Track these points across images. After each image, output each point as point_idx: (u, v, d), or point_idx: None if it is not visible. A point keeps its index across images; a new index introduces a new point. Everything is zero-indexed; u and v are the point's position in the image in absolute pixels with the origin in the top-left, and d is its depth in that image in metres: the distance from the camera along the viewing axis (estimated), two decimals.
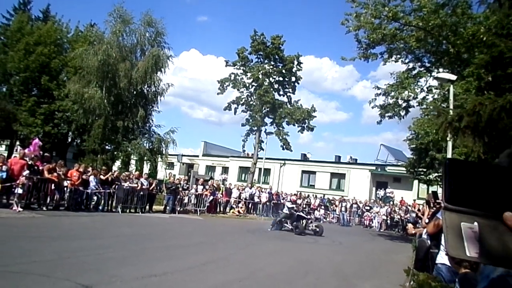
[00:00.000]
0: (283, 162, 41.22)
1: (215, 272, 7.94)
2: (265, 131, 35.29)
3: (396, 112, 20.45)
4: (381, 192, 34.78)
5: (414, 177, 25.69)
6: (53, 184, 14.96)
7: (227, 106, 36.36)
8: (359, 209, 29.35)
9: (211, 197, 22.63)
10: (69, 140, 35.56)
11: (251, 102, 35.54)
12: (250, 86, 35.54)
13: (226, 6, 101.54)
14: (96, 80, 25.82)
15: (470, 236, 0.75)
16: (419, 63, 20.23)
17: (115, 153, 27.08)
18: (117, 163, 28.47)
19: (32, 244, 8.41)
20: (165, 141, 27.84)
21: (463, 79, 14.54)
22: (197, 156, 48.58)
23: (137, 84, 26.64)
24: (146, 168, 28.00)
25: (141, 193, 18.64)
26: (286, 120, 34.67)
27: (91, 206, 16.61)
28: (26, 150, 16.01)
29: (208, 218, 20.36)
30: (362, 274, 9.76)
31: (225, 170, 45.17)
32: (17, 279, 5.71)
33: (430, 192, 8.53)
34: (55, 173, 15.02)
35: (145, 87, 27.81)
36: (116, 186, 17.49)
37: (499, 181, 0.79)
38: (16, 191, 13.49)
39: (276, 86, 35.58)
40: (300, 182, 40.31)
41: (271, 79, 35.18)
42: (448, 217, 0.77)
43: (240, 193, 25.74)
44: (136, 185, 18.44)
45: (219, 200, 23.95)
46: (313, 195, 31.38)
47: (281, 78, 35.40)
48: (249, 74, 35.05)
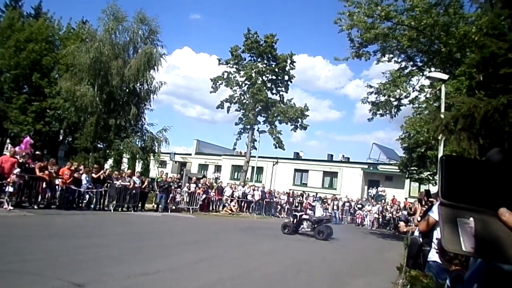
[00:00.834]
0: (276, 161, 41.27)
1: (208, 271, 7.93)
2: (258, 130, 35.37)
3: (388, 110, 20.59)
4: (373, 191, 34.99)
5: (407, 176, 25.88)
6: (45, 183, 14.83)
7: (220, 105, 36.35)
8: (351, 208, 29.51)
9: (204, 196, 22.60)
10: (61, 138, 35.27)
11: (244, 101, 35.53)
12: (243, 85, 35.56)
13: (219, 4, 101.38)
14: (88, 78, 25.64)
15: (466, 231, 0.76)
16: (411, 62, 20.35)
17: (107, 152, 26.90)
18: (109, 162, 28.29)
19: (23, 243, 8.33)
20: (158, 140, 27.73)
21: (455, 78, 14.67)
22: (190, 155, 48.46)
23: (130, 82, 26.49)
24: (139, 167, 27.88)
25: (134, 192, 18.55)
26: (279, 119, 34.74)
27: (83, 205, 16.52)
28: (17, 148, 15.83)
29: (201, 217, 20.32)
30: (355, 272, 9.81)
31: (218, 169, 45.11)
32: (8, 279, 5.66)
33: (423, 190, 8.60)
34: (47, 171, 14.88)
35: (138, 85, 27.64)
36: (108, 185, 17.39)
37: (494, 178, 0.80)
38: (7, 190, 13.35)
39: (269, 85, 35.61)
40: (293, 181, 40.40)
41: (264, 78, 35.21)
42: (445, 212, 0.78)
43: (233, 192, 25.72)
44: (129, 184, 18.34)
45: (212, 199, 23.91)
46: (306, 194, 31.42)
47: (274, 77, 35.45)
48: (242, 73, 35.05)
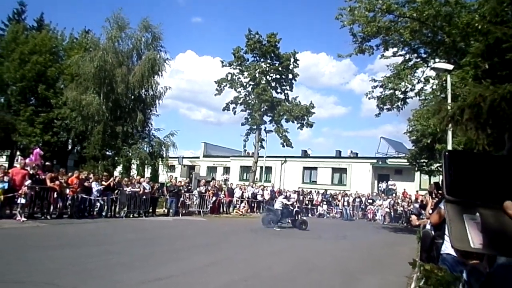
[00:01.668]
0: (284, 160, 41.21)
1: (220, 273, 7.94)
2: (265, 129, 35.28)
3: (394, 104, 20.45)
4: (383, 185, 34.77)
5: (416, 169, 25.71)
6: (56, 193, 14.98)
7: (226, 106, 36.37)
8: (362, 203, 29.36)
9: (214, 198, 22.64)
10: (69, 148, 35.50)
11: (249, 101, 35.51)
12: (248, 85, 35.53)
13: (220, 6, 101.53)
14: (93, 87, 25.82)
15: (473, 227, 0.75)
16: (415, 54, 20.19)
17: (116, 159, 27.04)
18: (118, 169, 28.45)
19: (37, 253, 8.40)
20: (165, 145, 27.85)
21: (460, 68, 14.52)
22: (198, 158, 48.57)
23: (135, 89, 26.64)
24: (147, 172, 27.99)
25: (144, 197, 18.64)
26: (285, 118, 34.66)
27: (95, 213, 16.64)
28: (27, 160, 16.02)
29: (212, 219, 20.36)
30: (367, 268, 9.75)
31: (227, 170, 45.16)
32: None
33: (432, 183, 8.53)
34: (57, 182, 15.02)
35: (143, 91, 27.80)
36: (119, 192, 17.50)
37: (498, 171, 0.79)
38: (19, 201, 13.53)
39: (274, 84, 35.54)
40: (302, 179, 40.29)
41: (268, 77, 35.15)
42: (451, 209, 0.77)
43: (243, 193, 25.76)
44: (139, 190, 18.44)
45: (222, 201, 23.94)
46: (315, 191, 31.39)
47: (278, 76, 35.37)
48: (246, 73, 35.03)
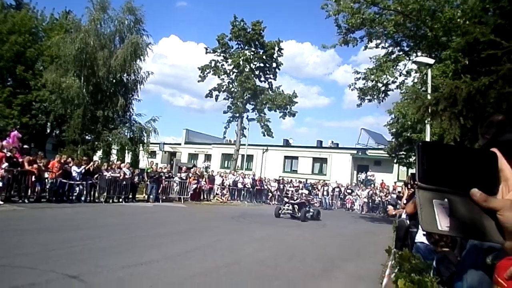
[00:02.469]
0: (266, 148, 41.40)
1: (202, 259, 8.04)
2: (247, 118, 35.37)
3: (375, 95, 20.78)
4: (362, 175, 35.38)
5: (395, 161, 26.25)
6: (34, 176, 14.75)
7: (209, 93, 36.25)
8: (341, 193, 29.86)
9: (195, 185, 22.66)
10: (48, 131, 34.80)
11: (232, 89, 35.46)
12: (231, 73, 35.44)
13: None
14: (74, 69, 25.29)
15: (441, 212, 0.83)
16: (398, 47, 20.49)
17: (96, 143, 26.70)
18: (98, 153, 28.12)
19: (16, 237, 8.33)
20: (146, 130, 27.62)
21: (441, 62, 14.83)
22: (179, 144, 48.30)
23: (117, 73, 26.21)
24: (128, 158, 27.75)
25: (124, 183, 18.53)
26: (268, 106, 34.77)
27: (74, 197, 16.47)
28: (4, 142, 15.67)
29: (192, 206, 20.40)
30: (346, 256, 10.01)
31: (208, 158, 45.11)
32: (2, 273, 5.68)
33: (410, 174, 8.77)
34: (35, 165, 14.78)
35: (125, 76, 27.39)
36: (98, 176, 17.34)
37: (468, 162, 0.87)
38: None
39: (257, 72, 35.54)
40: (283, 168, 40.61)
41: (252, 65, 35.10)
42: (422, 195, 0.85)
43: (224, 180, 25.84)
44: (119, 175, 18.31)
45: (203, 188, 23.98)
46: (296, 180, 31.75)
47: (262, 64, 35.36)
48: (230, 61, 34.90)
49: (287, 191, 22.47)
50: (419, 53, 18.17)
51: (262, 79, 35.88)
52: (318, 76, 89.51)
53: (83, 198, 16.76)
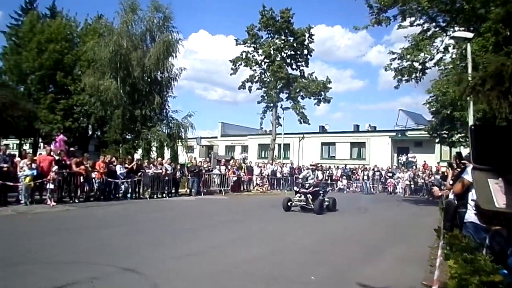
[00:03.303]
0: (302, 136, 41.19)
1: (248, 247, 8.21)
2: (282, 107, 35.17)
3: (412, 75, 20.17)
4: (403, 158, 34.49)
5: (437, 141, 25.49)
6: (82, 177, 15.47)
7: (241, 85, 36.34)
8: (382, 176, 29.33)
9: (234, 177, 22.98)
10: (90, 133, 36.24)
11: (265, 79, 35.42)
12: (263, 63, 35.35)
13: None
14: (110, 71, 26.11)
15: (497, 190, 0.87)
16: (434, 23, 19.70)
17: (136, 142, 27.54)
18: (139, 151, 28.99)
19: (71, 235, 8.83)
20: (183, 126, 28.22)
21: (480, 36, 14.21)
22: (216, 137, 48.91)
23: (151, 72, 26.81)
24: (167, 154, 28.45)
25: (166, 178, 19.06)
26: (302, 94, 34.53)
27: (120, 195, 17.14)
28: (52, 147, 16.52)
29: (234, 197, 20.73)
30: (391, 239, 9.90)
31: (245, 149, 45.39)
32: (63, 269, 6.05)
33: (455, 153, 8.55)
34: (83, 166, 15.50)
35: (159, 74, 27.95)
36: (142, 174, 17.94)
37: None
38: (48, 187, 14.06)
39: (289, 61, 35.26)
40: (321, 154, 40.29)
41: (283, 54, 34.86)
42: (477, 176, 0.89)
43: (262, 170, 26.03)
44: (161, 171, 18.85)
45: (242, 179, 24.27)
46: (335, 166, 31.50)
47: (293, 52, 35.02)
48: (261, 51, 34.82)
49: (297, 179, 20.04)
50: (456, 28, 17.45)
51: (294, 67, 35.60)
52: (351, 59, 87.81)
53: (129, 195, 17.40)
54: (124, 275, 5.77)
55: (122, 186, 17.29)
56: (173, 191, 19.60)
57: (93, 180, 16.11)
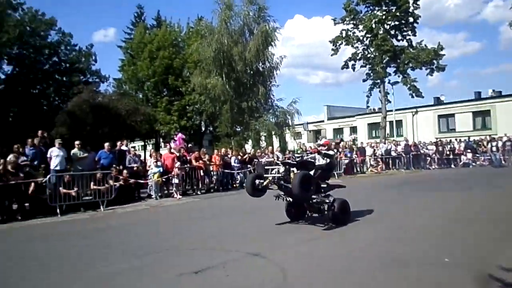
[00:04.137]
0: (415, 111, 38.54)
1: (374, 229, 7.85)
2: (390, 82, 33.23)
3: None
4: None
5: None
6: (202, 171, 16.50)
7: (344, 65, 35.01)
8: None
9: (346, 159, 22.39)
10: (203, 129, 38.64)
11: (369, 55, 33.71)
12: (365, 39, 33.65)
13: None
14: (215, 69, 27.24)
15: None
16: None
17: (246, 133, 28.44)
18: (249, 142, 29.91)
19: (198, 224, 9.52)
20: (289, 113, 28.33)
21: None
22: (322, 121, 48.35)
23: (252, 64, 27.33)
24: (276, 142, 28.86)
25: None
26: (411, 65, 32.14)
27: (237, 185, 17.85)
28: (173, 145, 17.87)
29: (348, 180, 20.08)
30: None
31: (353, 130, 44.09)
32: (196, 255, 6.44)
33: None
34: (201, 161, 16.52)
35: (260, 65, 28.35)
36: (255, 163, 18.43)
37: None
38: (173, 182, 15.27)
39: (393, 32, 32.95)
40: (438, 128, 37.30)
41: (386, 26, 32.69)
42: None
43: (375, 150, 24.95)
44: (273, 159, 19.13)
45: (355, 161, 23.54)
46: (456, 140, 28.84)
47: (397, 22, 32.64)
48: (361, 27, 33.16)
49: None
50: None
51: (400, 38, 33.18)
52: (463, 20, 79.69)
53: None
54: (252, 260, 5.90)
55: (238, 177, 17.97)
56: None
57: (211, 173, 17.06)
